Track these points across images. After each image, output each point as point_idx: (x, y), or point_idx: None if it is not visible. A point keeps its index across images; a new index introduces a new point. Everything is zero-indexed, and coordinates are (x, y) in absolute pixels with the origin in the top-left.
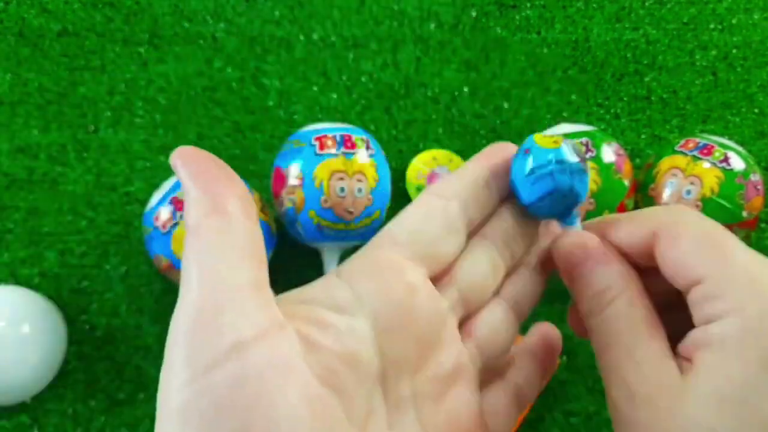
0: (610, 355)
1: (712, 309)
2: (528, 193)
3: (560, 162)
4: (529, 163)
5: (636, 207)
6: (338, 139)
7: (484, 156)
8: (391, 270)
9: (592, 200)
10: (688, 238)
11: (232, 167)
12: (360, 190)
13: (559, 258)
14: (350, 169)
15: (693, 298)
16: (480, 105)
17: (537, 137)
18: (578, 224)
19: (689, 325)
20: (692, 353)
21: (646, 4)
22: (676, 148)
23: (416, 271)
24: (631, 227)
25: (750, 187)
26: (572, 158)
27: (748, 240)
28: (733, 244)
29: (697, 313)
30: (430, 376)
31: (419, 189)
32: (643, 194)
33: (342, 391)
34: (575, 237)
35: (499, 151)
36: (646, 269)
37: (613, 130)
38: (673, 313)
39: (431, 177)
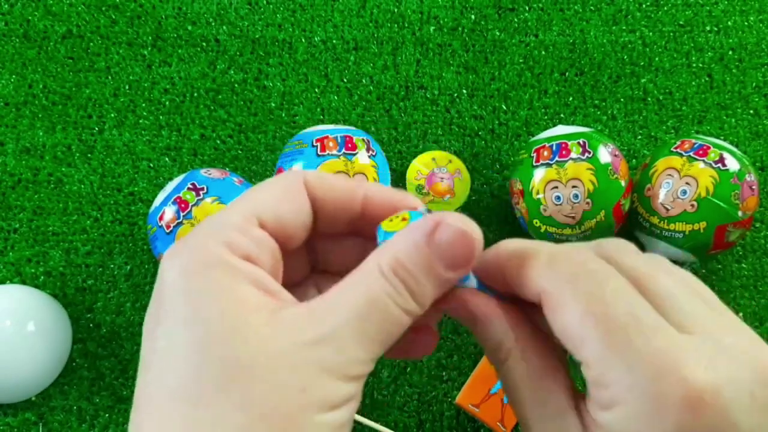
0: (516, 405)
1: (600, 395)
2: None
3: None
4: None
5: (632, 207)
6: (339, 140)
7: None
8: None
9: (588, 200)
10: (574, 315)
11: (234, 168)
12: None
13: (456, 317)
14: (351, 170)
15: (583, 371)
16: (478, 107)
17: (384, 224)
18: (470, 278)
19: None
20: (592, 424)
21: (643, 6)
22: (672, 149)
23: None
24: (521, 281)
25: (745, 188)
26: None
27: (743, 239)
28: (619, 317)
29: (588, 387)
30: None
31: (419, 189)
32: (640, 194)
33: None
34: (457, 300)
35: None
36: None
37: (610, 131)
38: None
39: (430, 177)
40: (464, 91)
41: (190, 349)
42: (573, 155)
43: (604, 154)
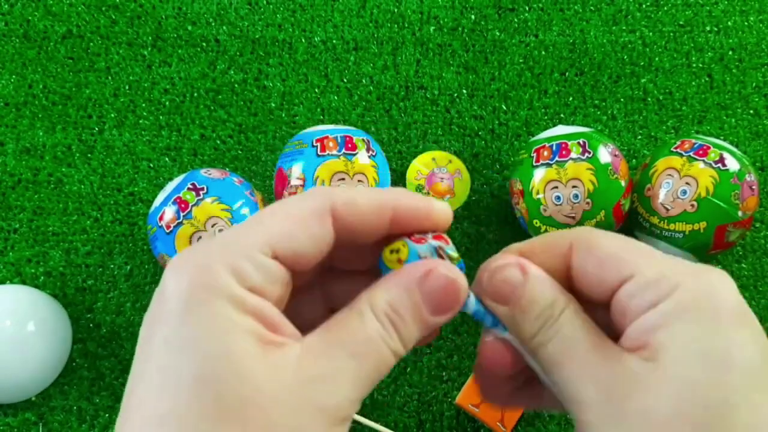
0: (574, 364)
1: (654, 293)
2: None
3: None
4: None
5: (632, 207)
6: (339, 140)
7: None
8: None
9: (588, 200)
10: (605, 245)
11: (234, 168)
12: None
13: (493, 284)
14: (351, 170)
15: (628, 291)
16: (478, 107)
17: (385, 253)
18: (471, 304)
19: None
20: (648, 338)
21: (643, 6)
22: (672, 149)
23: None
24: (545, 245)
25: (745, 188)
26: None
27: (743, 239)
28: (645, 245)
29: (636, 304)
30: None
31: (419, 189)
32: (640, 194)
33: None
34: (507, 260)
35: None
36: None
37: (610, 131)
38: None
39: (430, 178)
40: (464, 91)
41: (187, 379)
42: (573, 155)
43: (604, 154)
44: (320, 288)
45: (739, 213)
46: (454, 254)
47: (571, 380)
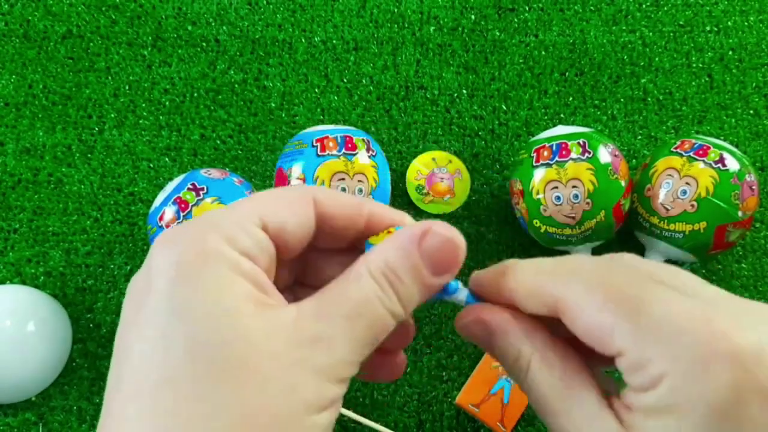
0: (547, 416)
1: (640, 378)
2: None
3: None
4: None
5: (632, 207)
6: (339, 140)
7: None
8: None
9: (588, 200)
10: (594, 308)
11: (234, 168)
12: (361, 191)
13: (467, 337)
14: (351, 170)
15: (618, 365)
16: (478, 107)
17: (372, 238)
18: (460, 290)
19: None
20: (632, 416)
21: (643, 6)
22: (672, 149)
23: None
24: (531, 299)
25: (745, 188)
26: None
27: (743, 239)
28: (643, 296)
29: (626, 378)
30: None
31: (419, 189)
32: (640, 194)
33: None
34: (471, 314)
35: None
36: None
37: (610, 132)
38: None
39: (430, 177)
40: (464, 91)
41: (181, 341)
42: (573, 155)
43: (604, 154)
44: (292, 298)
45: (739, 213)
46: None
47: (554, 428)
